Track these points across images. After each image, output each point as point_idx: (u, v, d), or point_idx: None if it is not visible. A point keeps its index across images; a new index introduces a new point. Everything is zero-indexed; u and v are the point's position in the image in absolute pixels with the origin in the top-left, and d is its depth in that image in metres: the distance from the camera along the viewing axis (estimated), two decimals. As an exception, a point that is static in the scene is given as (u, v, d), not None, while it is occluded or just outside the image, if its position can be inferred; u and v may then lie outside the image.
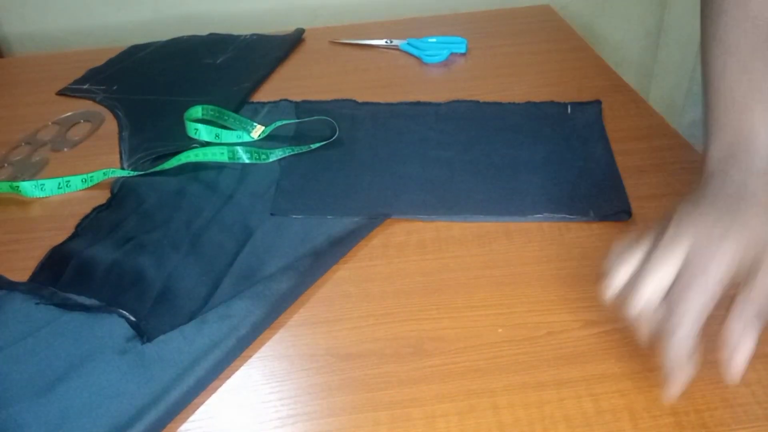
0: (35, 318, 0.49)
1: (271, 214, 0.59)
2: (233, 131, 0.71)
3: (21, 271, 0.54)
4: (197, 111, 0.73)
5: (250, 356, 0.47)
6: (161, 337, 0.46)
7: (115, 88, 0.84)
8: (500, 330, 0.47)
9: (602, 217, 0.57)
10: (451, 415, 0.42)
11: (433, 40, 0.90)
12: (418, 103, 0.75)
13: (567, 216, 0.57)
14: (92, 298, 0.50)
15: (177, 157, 0.66)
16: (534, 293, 0.50)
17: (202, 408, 0.44)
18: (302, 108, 0.76)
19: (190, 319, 0.48)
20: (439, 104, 0.75)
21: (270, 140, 0.70)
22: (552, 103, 0.74)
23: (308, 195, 0.62)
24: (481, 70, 0.84)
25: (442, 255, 0.54)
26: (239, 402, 0.44)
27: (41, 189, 0.64)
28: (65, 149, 0.72)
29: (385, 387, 0.44)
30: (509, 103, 0.74)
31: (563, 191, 0.60)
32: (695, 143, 0.66)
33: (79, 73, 0.88)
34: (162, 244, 0.56)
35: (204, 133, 0.70)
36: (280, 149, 0.67)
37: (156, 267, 0.53)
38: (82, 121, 0.78)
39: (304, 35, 0.96)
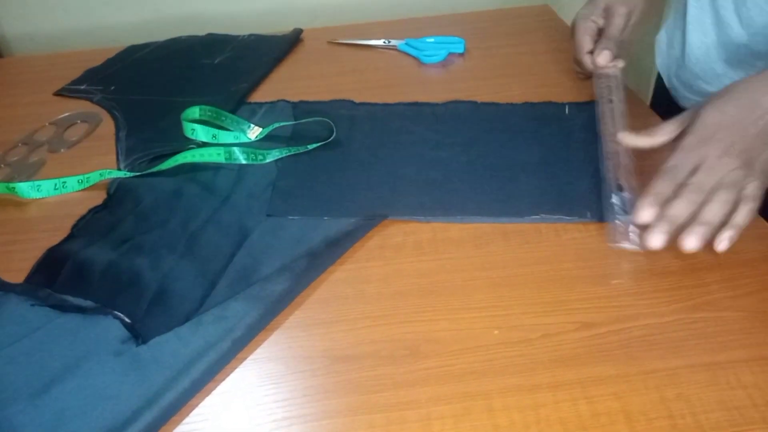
0: (31, 319, 0.49)
1: (268, 215, 0.59)
2: (230, 132, 0.71)
3: (17, 272, 0.54)
4: (194, 111, 0.73)
5: (245, 358, 0.47)
6: (156, 339, 0.46)
7: (112, 88, 0.84)
8: (496, 332, 0.47)
9: (599, 218, 0.56)
10: (446, 417, 0.42)
11: (431, 40, 0.89)
12: (415, 104, 0.75)
13: (564, 217, 0.57)
14: (88, 300, 0.50)
15: (174, 158, 0.66)
16: (530, 295, 0.50)
17: (196, 410, 0.44)
18: (300, 108, 0.76)
19: (186, 320, 0.48)
20: (436, 105, 0.75)
21: (267, 141, 0.70)
22: (550, 103, 0.73)
23: (305, 196, 0.62)
24: (479, 71, 0.83)
25: (439, 256, 0.54)
26: (234, 404, 0.44)
27: (37, 190, 0.64)
28: (62, 150, 0.72)
29: (381, 389, 0.44)
30: (507, 103, 0.74)
31: (560, 192, 0.60)
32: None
33: (78, 74, 0.88)
34: (158, 245, 0.56)
35: (201, 133, 0.70)
36: (277, 150, 0.67)
37: (152, 268, 0.53)
38: (79, 121, 0.77)
39: (302, 35, 0.95)
